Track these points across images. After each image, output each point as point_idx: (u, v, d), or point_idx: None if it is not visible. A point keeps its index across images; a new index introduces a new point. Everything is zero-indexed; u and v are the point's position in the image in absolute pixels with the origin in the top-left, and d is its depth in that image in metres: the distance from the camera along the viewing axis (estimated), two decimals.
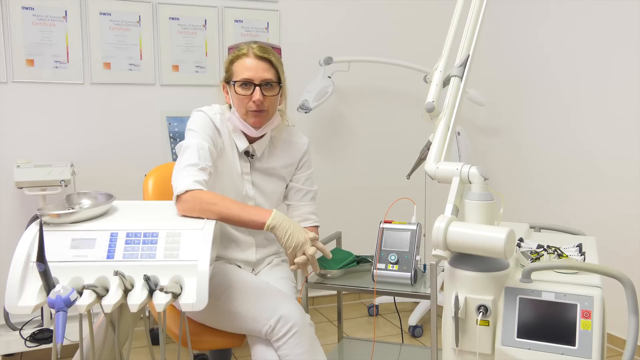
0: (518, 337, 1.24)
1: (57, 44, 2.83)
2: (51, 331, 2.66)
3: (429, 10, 3.48)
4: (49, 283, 1.31)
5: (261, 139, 1.88)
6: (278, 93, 1.82)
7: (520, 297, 1.26)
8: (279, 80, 1.82)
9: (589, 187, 2.94)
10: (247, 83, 1.77)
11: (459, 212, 1.33)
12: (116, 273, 1.30)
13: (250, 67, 1.78)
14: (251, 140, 1.86)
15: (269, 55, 1.81)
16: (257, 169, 1.90)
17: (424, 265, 1.88)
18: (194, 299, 1.35)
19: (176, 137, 2.86)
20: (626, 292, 1.21)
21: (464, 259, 1.29)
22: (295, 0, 3.27)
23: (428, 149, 1.45)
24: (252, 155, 1.88)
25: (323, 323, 3.22)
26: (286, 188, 1.98)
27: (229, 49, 1.88)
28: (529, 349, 1.23)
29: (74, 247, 1.41)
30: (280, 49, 1.88)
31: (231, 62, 1.82)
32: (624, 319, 1.25)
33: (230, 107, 1.87)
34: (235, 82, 1.79)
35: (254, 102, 1.77)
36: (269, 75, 1.79)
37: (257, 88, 1.77)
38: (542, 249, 1.50)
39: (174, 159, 2.74)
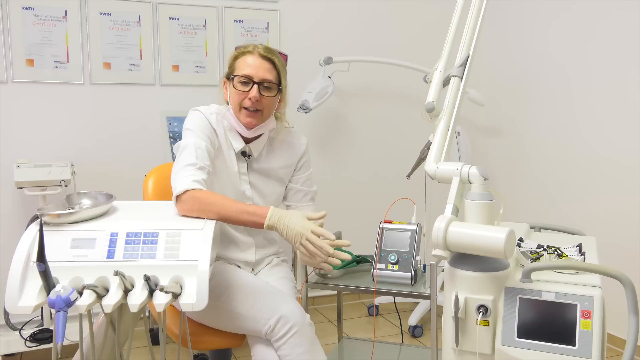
0: (518, 337, 1.24)
1: (57, 44, 2.82)
2: (51, 331, 2.65)
3: (429, 10, 3.48)
4: (49, 283, 1.31)
5: (258, 139, 1.88)
6: (276, 95, 1.83)
7: (520, 297, 1.26)
8: (279, 84, 1.82)
9: (589, 187, 2.94)
10: (246, 80, 1.78)
11: (459, 212, 1.33)
12: (116, 273, 1.30)
13: (252, 65, 1.79)
14: (247, 140, 1.86)
15: (273, 56, 1.82)
16: (255, 169, 1.90)
17: (424, 265, 1.88)
18: (194, 299, 1.35)
19: (176, 137, 2.85)
20: (626, 292, 1.21)
21: (464, 259, 1.29)
22: (295, 0, 3.27)
23: (428, 149, 1.45)
24: (250, 156, 1.88)
25: (323, 323, 3.22)
26: (285, 189, 1.98)
27: (236, 48, 1.88)
28: (529, 349, 1.23)
29: (74, 247, 1.41)
30: (287, 56, 1.88)
31: (235, 58, 1.84)
32: (624, 319, 1.25)
33: (228, 104, 1.87)
34: (234, 76, 1.79)
35: (249, 99, 1.77)
36: (269, 76, 1.79)
37: (255, 86, 1.77)
38: (542, 249, 1.49)
39: (174, 159, 2.74)
